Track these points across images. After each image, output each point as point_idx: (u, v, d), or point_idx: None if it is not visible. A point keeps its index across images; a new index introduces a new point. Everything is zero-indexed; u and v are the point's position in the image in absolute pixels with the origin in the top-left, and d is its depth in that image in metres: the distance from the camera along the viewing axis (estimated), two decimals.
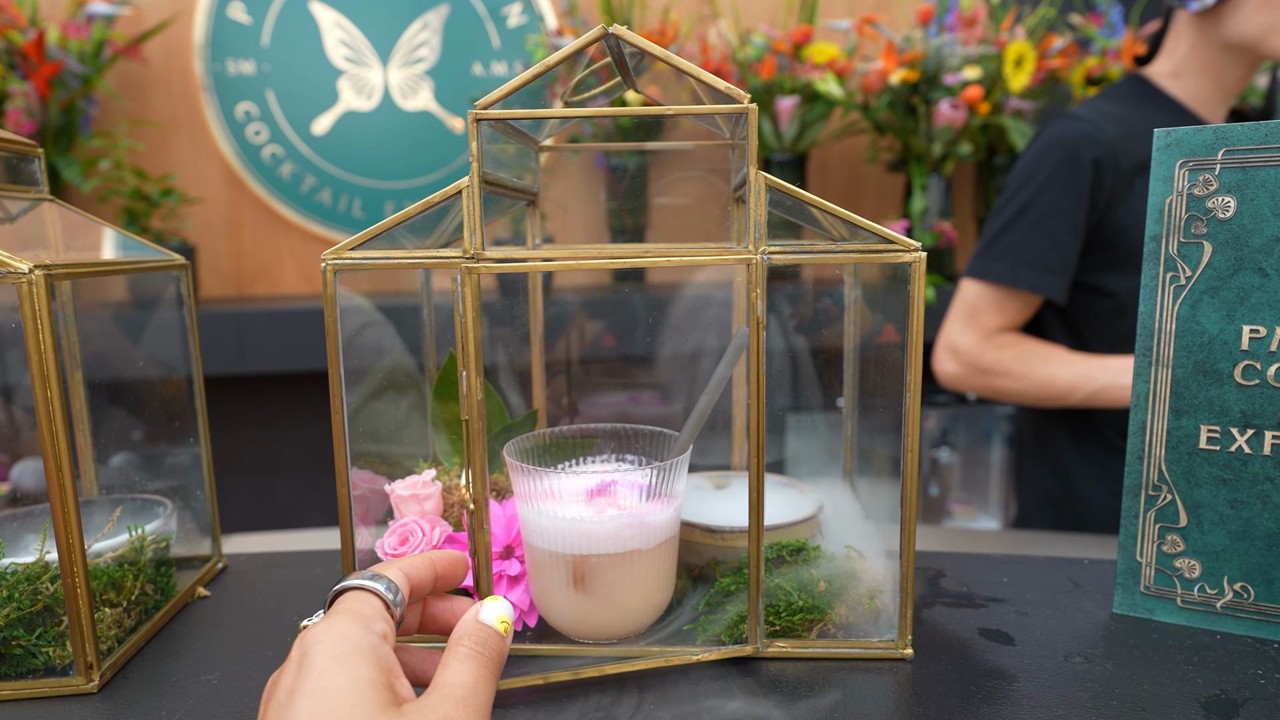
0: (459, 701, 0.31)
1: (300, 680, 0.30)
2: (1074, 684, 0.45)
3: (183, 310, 0.60)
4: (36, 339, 0.43)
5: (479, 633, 0.35)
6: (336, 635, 0.31)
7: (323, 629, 0.32)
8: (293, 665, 0.31)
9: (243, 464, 2.02)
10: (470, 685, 0.32)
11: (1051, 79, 1.90)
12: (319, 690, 0.29)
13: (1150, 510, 0.52)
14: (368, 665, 0.31)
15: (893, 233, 0.44)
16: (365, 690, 0.30)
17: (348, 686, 0.30)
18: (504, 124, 0.51)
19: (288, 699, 0.30)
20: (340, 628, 0.32)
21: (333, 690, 0.29)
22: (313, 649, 0.31)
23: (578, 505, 0.47)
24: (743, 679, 0.47)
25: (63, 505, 0.44)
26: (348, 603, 0.34)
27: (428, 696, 0.32)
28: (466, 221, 0.45)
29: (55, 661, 0.47)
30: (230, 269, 2.07)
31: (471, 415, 0.45)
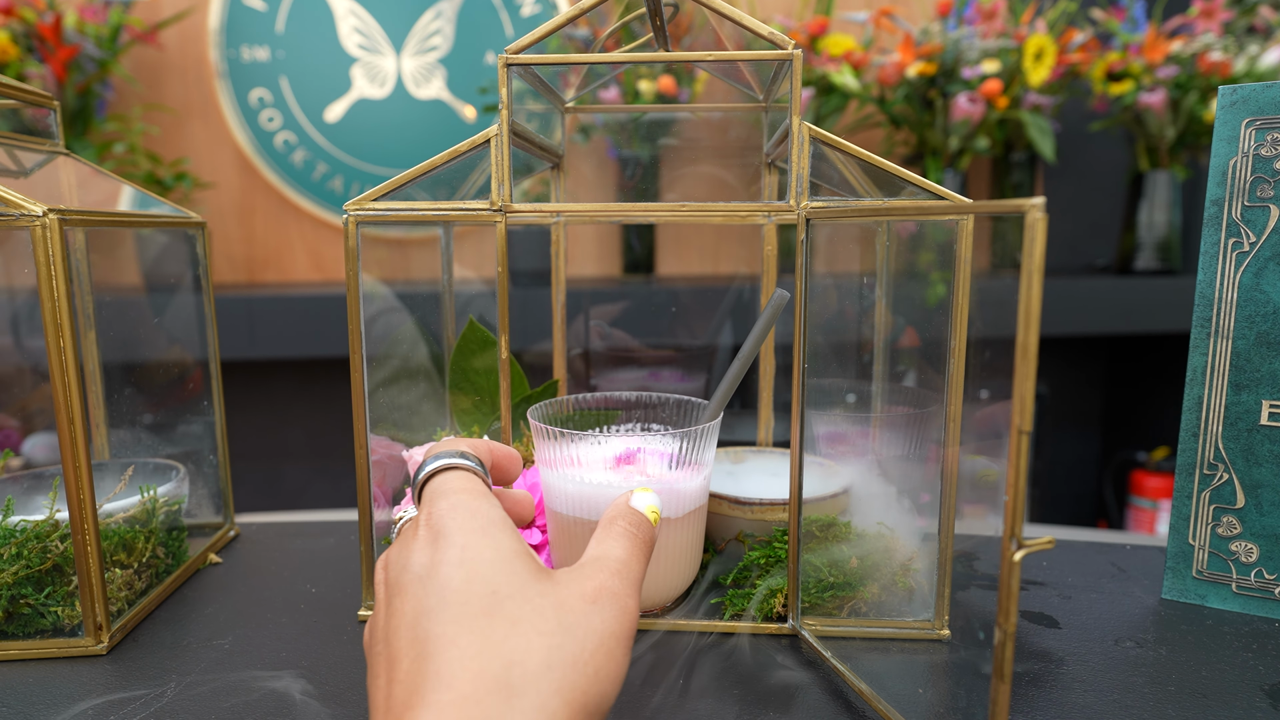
0: (614, 573, 0.31)
1: (440, 554, 0.29)
2: (1127, 668, 0.43)
3: (198, 271, 0.58)
4: (50, 285, 0.41)
5: (633, 515, 0.35)
6: (468, 510, 0.31)
7: (451, 506, 0.31)
8: (423, 543, 0.30)
9: (251, 450, 2.01)
10: (624, 560, 0.32)
11: (1071, 74, 1.87)
12: (467, 562, 0.29)
13: (1205, 490, 0.49)
14: (508, 537, 0.30)
15: (941, 189, 0.42)
16: (513, 560, 0.29)
17: (495, 557, 0.29)
18: (533, 76, 0.49)
19: (429, 573, 0.29)
20: (470, 503, 0.31)
21: (482, 561, 0.29)
22: (447, 524, 0.30)
23: (605, 471, 0.45)
24: (778, 656, 0.45)
25: (74, 459, 0.43)
26: (459, 481, 0.33)
27: (582, 566, 0.31)
28: (495, 172, 0.44)
29: (64, 622, 0.45)
30: (241, 255, 2.06)
31: (503, 374, 0.44)
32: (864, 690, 0.40)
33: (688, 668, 0.44)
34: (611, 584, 0.30)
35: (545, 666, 0.26)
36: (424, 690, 0.26)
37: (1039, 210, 0.29)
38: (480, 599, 0.28)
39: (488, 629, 0.27)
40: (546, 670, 0.26)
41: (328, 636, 0.47)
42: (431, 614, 0.28)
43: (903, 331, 0.59)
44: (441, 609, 0.28)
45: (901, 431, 0.58)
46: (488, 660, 0.26)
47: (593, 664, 0.28)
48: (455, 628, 0.27)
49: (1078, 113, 1.99)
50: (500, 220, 0.44)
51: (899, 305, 0.60)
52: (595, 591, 0.30)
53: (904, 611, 0.48)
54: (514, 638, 0.27)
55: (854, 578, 0.48)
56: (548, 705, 0.26)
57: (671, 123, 1.86)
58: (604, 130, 1.95)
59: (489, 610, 0.28)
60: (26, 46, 1.75)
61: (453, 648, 0.26)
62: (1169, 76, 1.79)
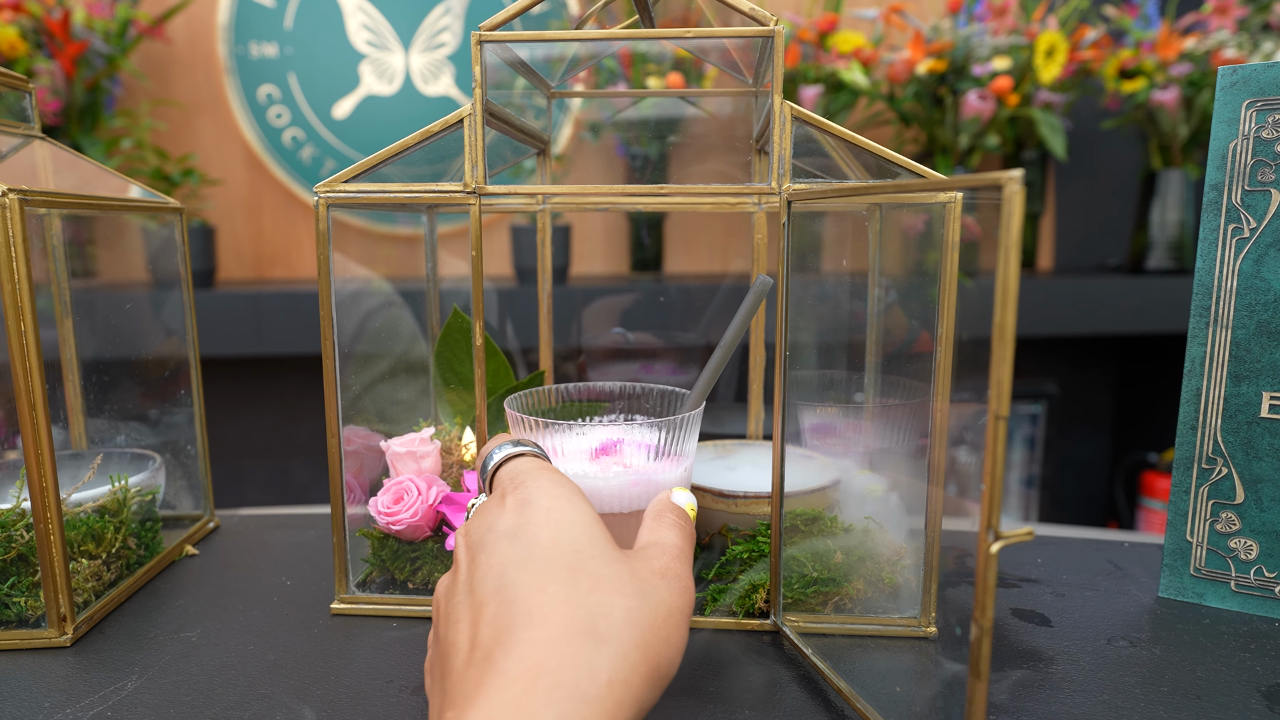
0: (675, 557, 0.33)
1: (525, 515, 0.31)
2: (1119, 668, 0.42)
3: (177, 258, 0.58)
4: (10, 266, 0.40)
5: (677, 510, 0.37)
6: (551, 480, 0.34)
7: (534, 479, 0.34)
8: (509, 510, 0.32)
9: (259, 446, 2.01)
10: (680, 546, 0.34)
11: (1083, 71, 1.85)
12: (553, 523, 0.31)
13: (1203, 485, 0.47)
14: (588, 507, 0.33)
15: (922, 168, 0.40)
16: (594, 526, 0.32)
17: (579, 520, 0.31)
18: (514, 56, 0.48)
19: (515, 532, 0.31)
20: (551, 475, 0.34)
21: (566, 522, 0.31)
22: (532, 492, 0.33)
23: (582, 462, 0.44)
24: (757, 653, 0.44)
25: (35, 446, 0.42)
26: (534, 462, 0.36)
27: (645, 548, 0.33)
28: (468, 153, 0.42)
29: (28, 613, 0.45)
30: (249, 251, 2.06)
31: (477, 360, 0.42)
32: (842, 688, 0.38)
33: None
34: (674, 565, 0.33)
35: (626, 623, 0.28)
36: (514, 628, 0.27)
37: (1017, 183, 0.27)
38: (565, 555, 0.30)
39: (573, 581, 0.29)
40: (627, 626, 0.28)
41: (297, 630, 0.46)
42: (520, 564, 0.29)
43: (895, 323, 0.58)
44: (529, 560, 0.30)
45: (891, 424, 0.56)
46: (575, 607, 0.28)
47: (664, 630, 0.29)
48: (543, 577, 0.29)
49: (1089, 110, 1.96)
50: (474, 203, 0.43)
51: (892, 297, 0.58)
52: (663, 569, 0.32)
53: (890, 608, 0.46)
54: (597, 593, 0.29)
55: (838, 573, 0.46)
56: (629, 656, 0.27)
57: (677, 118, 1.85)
58: (613, 128, 1.95)
59: (573, 566, 0.29)
60: (35, 42, 1.76)
61: (541, 593, 0.28)
62: (1182, 74, 1.76)
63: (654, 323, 1.44)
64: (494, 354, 0.57)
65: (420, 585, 0.50)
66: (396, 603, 0.48)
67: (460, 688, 0.27)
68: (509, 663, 0.26)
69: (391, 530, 0.49)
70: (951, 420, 0.44)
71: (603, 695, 0.26)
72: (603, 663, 0.26)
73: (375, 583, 0.50)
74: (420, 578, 0.50)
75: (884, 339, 0.57)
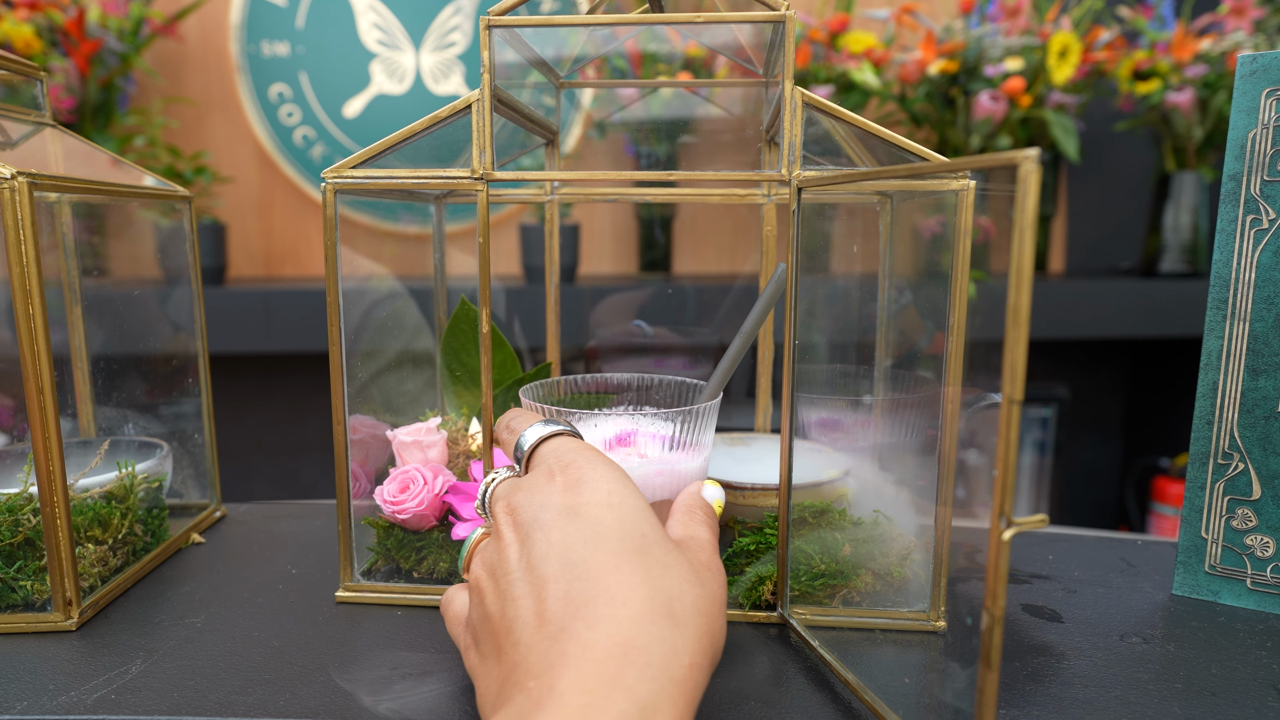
0: (712, 552, 0.34)
1: (585, 496, 0.31)
2: (1132, 664, 0.41)
3: (186, 246, 0.58)
4: (19, 249, 0.40)
5: (706, 505, 0.38)
6: (603, 462, 0.33)
7: (585, 458, 0.33)
8: (561, 488, 0.32)
9: (267, 444, 2.02)
10: (712, 542, 0.35)
11: (1097, 72, 1.83)
12: (615, 505, 0.31)
13: (1219, 481, 0.47)
14: (640, 493, 0.33)
15: (930, 152, 0.40)
16: (652, 514, 0.32)
17: (639, 505, 0.32)
18: (523, 45, 0.48)
19: (575, 511, 0.31)
20: (604, 457, 0.34)
21: (628, 506, 0.31)
22: (587, 473, 0.32)
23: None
24: (764, 644, 0.43)
25: (43, 430, 0.42)
26: (578, 443, 0.35)
27: (683, 542, 0.34)
28: (476, 139, 0.42)
29: (34, 597, 0.45)
30: (260, 249, 2.07)
31: (484, 348, 0.42)
32: (850, 680, 0.38)
33: None
34: (712, 560, 0.33)
35: (695, 609, 0.29)
36: (594, 604, 0.27)
37: (1032, 162, 0.27)
38: (634, 538, 0.30)
39: (645, 564, 0.29)
40: (696, 612, 0.29)
41: (302, 617, 0.46)
42: (588, 544, 0.29)
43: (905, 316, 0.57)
44: (598, 540, 0.30)
45: (900, 419, 0.56)
46: (653, 590, 0.28)
47: (719, 619, 0.30)
48: (616, 558, 0.29)
49: (1103, 112, 1.94)
50: (481, 189, 0.43)
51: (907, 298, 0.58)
52: (707, 562, 0.33)
53: (898, 602, 0.46)
54: (668, 578, 0.29)
55: (846, 566, 0.46)
56: (699, 642, 0.28)
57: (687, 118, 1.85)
58: (621, 128, 1.95)
59: (642, 550, 0.30)
60: (50, 40, 1.77)
61: (617, 573, 0.28)
62: (1197, 75, 1.74)
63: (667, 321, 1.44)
64: (501, 345, 0.57)
65: (425, 574, 0.49)
66: (401, 591, 0.48)
67: (537, 657, 0.27)
68: (595, 636, 0.26)
69: (397, 519, 0.49)
70: (962, 420, 0.44)
71: (685, 676, 0.26)
72: (684, 644, 0.27)
73: (380, 571, 0.50)
74: (425, 567, 0.49)
75: (897, 339, 0.57)
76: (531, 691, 0.26)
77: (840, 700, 0.38)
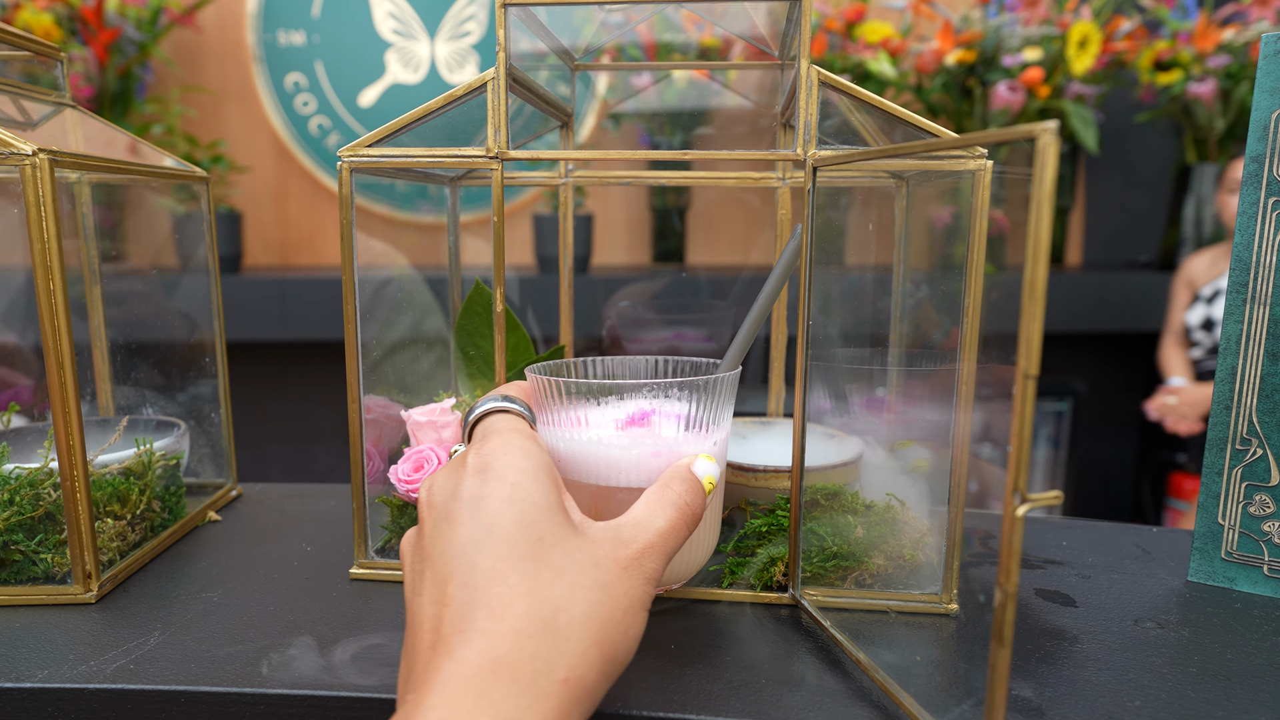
0: (650, 545, 0.32)
1: (490, 487, 0.30)
2: (1145, 648, 0.41)
3: (203, 227, 0.58)
4: (40, 226, 0.41)
5: (689, 482, 0.35)
6: (519, 449, 0.32)
7: (502, 442, 0.32)
8: (472, 473, 0.31)
9: (283, 431, 2.03)
10: (664, 532, 0.32)
11: (1117, 63, 1.81)
12: (516, 501, 0.30)
13: (1237, 467, 0.46)
14: (553, 485, 0.31)
15: (945, 130, 0.39)
16: (556, 510, 0.30)
17: (543, 502, 0.30)
18: (540, 26, 0.48)
19: (477, 504, 0.30)
20: (520, 442, 0.32)
21: (530, 504, 0.30)
22: (498, 461, 0.31)
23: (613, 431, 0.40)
24: (775, 625, 0.43)
25: (63, 405, 0.43)
26: (509, 422, 0.34)
27: (620, 528, 0.32)
28: (491, 117, 0.42)
29: (54, 569, 0.45)
30: (275, 237, 2.08)
31: (497, 327, 0.42)
32: (861, 659, 0.38)
33: (681, 634, 0.42)
34: (647, 554, 0.31)
35: (586, 618, 0.28)
36: (474, 618, 0.27)
37: (1051, 134, 0.27)
38: (528, 543, 0.29)
39: (535, 572, 0.28)
40: (587, 621, 0.28)
41: (317, 593, 0.46)
42: (481, 547, 0.29)
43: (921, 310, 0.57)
44: (491, 544, 0.29)
45: (915, 406, 0.56)
46: (537, 602, 0.28)
47: (623, 623, 0.29)
48: (504, 565, 0.28)
49: (1122, 103, 1.92)
50: (496, 167, 0.43)
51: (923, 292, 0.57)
52: (629, 559, 0.31)
53: (910, 585, 0.46)
54: (558, 586, 0.28)
55: (859, 548, 0.46)
56: (587, 653, 0.28)
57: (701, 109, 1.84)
58: (636, 118, 1.94)
59: (535, 555, 0.29)
60: (70, 29, 1.78)
61: (503, 584, 0.28)
62: (1220, 66, 1.72)
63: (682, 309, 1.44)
64: (515, 327, 0.57)
65: None
66: None
67: (420, 667, 0.27)
68: (468, 652, 0.26)
69: (411, 498, 0.49)
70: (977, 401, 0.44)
71: (558, 690, 0.26)
72: (560, 659, 0.27)
73: (393, 549, 0.50)
74: None
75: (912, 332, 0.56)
76: (408, 704, 0.26)
77: (851, 679, 0.38)
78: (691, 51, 1.83)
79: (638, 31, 1.80)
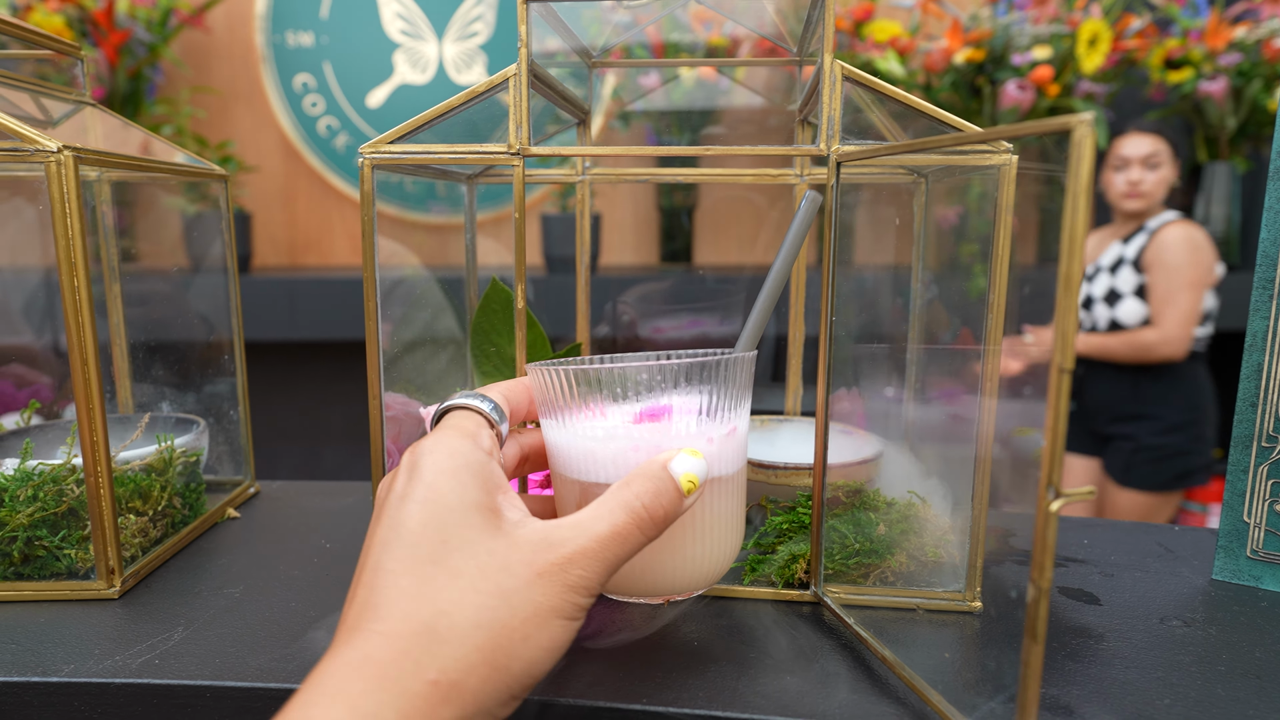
0: (582, 551, 0.30)
1: (410, 487, 0.30)
2: (1172, 646, 0.40)
3: (221, 225, 0.58)
4: (64, 222, 0.41)
5: (656, 481, 0.32)
6: (446, 449, 0.31)
7: (433, 440, 0.32)
8: (404, 471, 0.31)
9: (291, 430, 2.04)
10: (605, 538, 0.30)
11: (1127, 61, 1.80)
12: (429, 501, 0.30)
13: (1263, 464, 0.46)
14: (475, 484, 0.31)
15: (972, 126, 0.39)
16: (472, 512, 0.30)
17: (457, 504, 0.30)
18: (559, 22, 0.48)
19: (399, 503, 0.30)
20: (449, 442, 0.32)
21: (443, 505, 0.30)
22: (424, 460, 0.31)
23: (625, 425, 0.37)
24: (797, 622, 0.43)
25: (87, 401, 0.43)
26: (454, 419, 0.34)
27: (557, 528, 0.30)
28: (513, 114, 0.42)
29: (78, 565, 0.45)
30: (284, 238, 2.09)
31: (518, 324, 0.42)
32: (887, 656, 0.38)
33: (704, 631, 0.42)
34: (573, 563, 0.29)
35: (473, 625, 0.28)
36: (364, 618, 0.28)
37: (1088, 126, 0.27)
38: (431, 545, 0.29)
39: (430, 575, 0.28)
40: (474, 628, 0.28)
41: (336, 589, 0.46)
42: (389, 547, 0.29)
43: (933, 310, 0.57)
44: (396, 545, 0.29)
45: (935, 402, 0.55)
46: (421, 604, 0.28)
47: (521, 631, 0.28)
48: (401, 566, 0.28)
49: (1133, 102, 1.91)
50: (518, 164, 0.43)
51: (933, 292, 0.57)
52: (549, 565, 0.29)
53: (933, 583, 0.45)
54: (450, 590, 0.28)
55: (881, 545, 0.46)
56: (468, 658, 0.27)
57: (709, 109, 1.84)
58: (644, 117, 1.94)
59: (435, 558, 0.29)
60: (81, 31, 1.79)
61: (395, 586, 0.28)
62: (1231, 64, 1.71)
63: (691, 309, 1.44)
64: (532, 325, 0.57)
65: None
66: None
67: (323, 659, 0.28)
68: (349, 649, 0.27)
69: None
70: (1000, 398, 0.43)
71: (425, 691, 0.26)
72: (431, 661, 0.27)
73: None
74: None
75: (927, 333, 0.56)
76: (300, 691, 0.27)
77: (876, 676, 0.38)
78: (699, 51, 1.83)
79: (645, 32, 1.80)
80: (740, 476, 0.39)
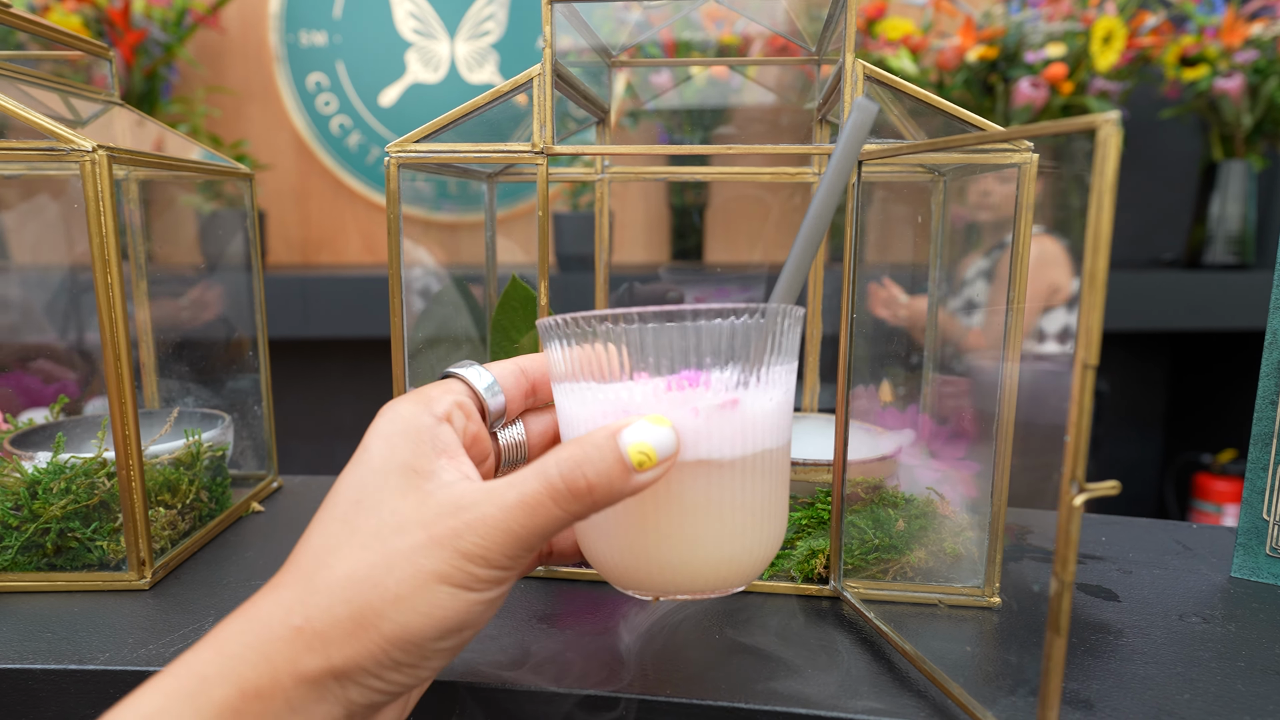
0: (482, 519, 0.28)
1: (356, 452, 0.31)
2: (1192, 643, 0.41)
3: (245, 223, 0.59)
4: (98, 220, 0.42)
5: (582, 450, 0.29)
6: (390, 414, 0.32)
7: (388, 406, 0.32)
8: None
9: (303, 429, 2.05)
10: (509, 506, 0.28)
11: (1142, 59, 1.79)
12: (357, 463, 0.31)
13: None
14: (407, 446, 0.30)
15: (994, 125, 0.39)
16: (390, 474, 0.30)
17: (380, 466, 0.30)
18: (581, 22, 0.48)
19: (345, 468, 0.31)
20: (397, 406, 0.32)
21: (367, 467, 0.30)
22: (373, 425, 0.32)
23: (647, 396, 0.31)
24: (817, 616, 0.44)
25: (119, 396, 0.43)
26: (426, 388, 0.34)
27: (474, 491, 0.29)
28: (536, 113, 0.43)
29: (109, 556, 0.46)
30: (297, 237, 2.10)
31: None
32: (908, 650, 0.38)
33: (726, 624, 0.42)
34: (468, 530, 0.28)
35: (347, 579, 0.28)
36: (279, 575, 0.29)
37: (1113, 125, 0.27)
38: (345, 504, 0.30)
39: (333, 532, 0.29)
40: (347, 582, 0.28)
41: None
42: (322, 507, 0.31)
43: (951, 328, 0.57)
44: (327, 505, 0.30)
45: (953, 400, 0.56)
46: (307, 557, 0.29)
47: (395, 591, 0.28)
48: (319, 525, 0.30)
49: (1147, 99, 1.90)
50: (542, 163, 0.43)
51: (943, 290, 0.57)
52: (445, 532, 0.28)
53: (952, 578, 0.46)
54: (344, 546, 0.29)
55: (900, 541, 0.46)
56: (333, 610, 0.28)
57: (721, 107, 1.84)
58: (655, 116, 1.94)
59: (345, 517, 0.30)
60: (97, 30, 1.80)
61: (304, 542, 0.30)
62: (1248, 61, 1.70)
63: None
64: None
65: None
66: None
67: None
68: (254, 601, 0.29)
69: None
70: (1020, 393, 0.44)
71: (288, 635, 0.27)
72: (299, 608, 0.27)
73: None
74: None
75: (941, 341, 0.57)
76: None
77: (897, 670, 0.38)
78: (711, 49, 1.83)
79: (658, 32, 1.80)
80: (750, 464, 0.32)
